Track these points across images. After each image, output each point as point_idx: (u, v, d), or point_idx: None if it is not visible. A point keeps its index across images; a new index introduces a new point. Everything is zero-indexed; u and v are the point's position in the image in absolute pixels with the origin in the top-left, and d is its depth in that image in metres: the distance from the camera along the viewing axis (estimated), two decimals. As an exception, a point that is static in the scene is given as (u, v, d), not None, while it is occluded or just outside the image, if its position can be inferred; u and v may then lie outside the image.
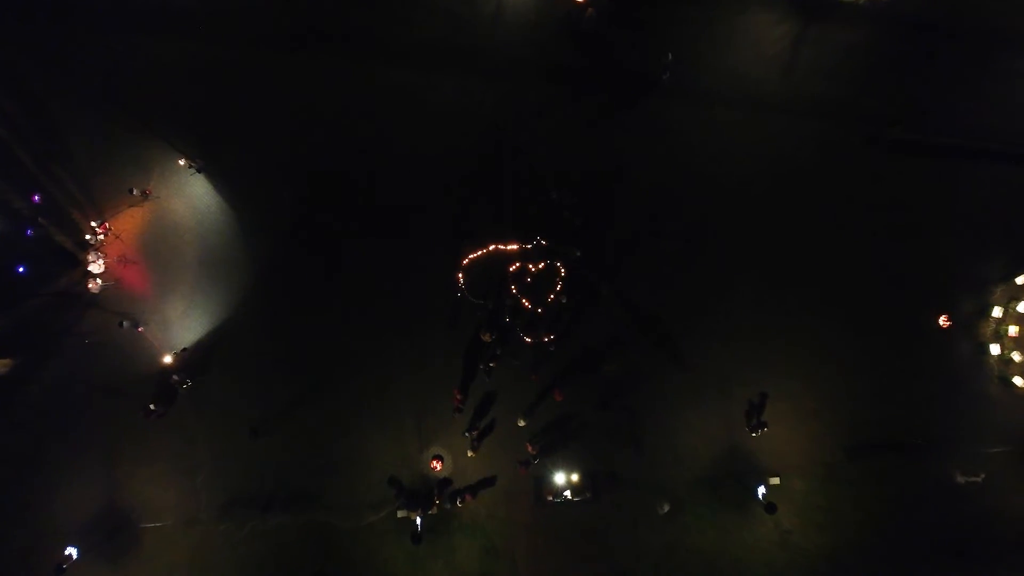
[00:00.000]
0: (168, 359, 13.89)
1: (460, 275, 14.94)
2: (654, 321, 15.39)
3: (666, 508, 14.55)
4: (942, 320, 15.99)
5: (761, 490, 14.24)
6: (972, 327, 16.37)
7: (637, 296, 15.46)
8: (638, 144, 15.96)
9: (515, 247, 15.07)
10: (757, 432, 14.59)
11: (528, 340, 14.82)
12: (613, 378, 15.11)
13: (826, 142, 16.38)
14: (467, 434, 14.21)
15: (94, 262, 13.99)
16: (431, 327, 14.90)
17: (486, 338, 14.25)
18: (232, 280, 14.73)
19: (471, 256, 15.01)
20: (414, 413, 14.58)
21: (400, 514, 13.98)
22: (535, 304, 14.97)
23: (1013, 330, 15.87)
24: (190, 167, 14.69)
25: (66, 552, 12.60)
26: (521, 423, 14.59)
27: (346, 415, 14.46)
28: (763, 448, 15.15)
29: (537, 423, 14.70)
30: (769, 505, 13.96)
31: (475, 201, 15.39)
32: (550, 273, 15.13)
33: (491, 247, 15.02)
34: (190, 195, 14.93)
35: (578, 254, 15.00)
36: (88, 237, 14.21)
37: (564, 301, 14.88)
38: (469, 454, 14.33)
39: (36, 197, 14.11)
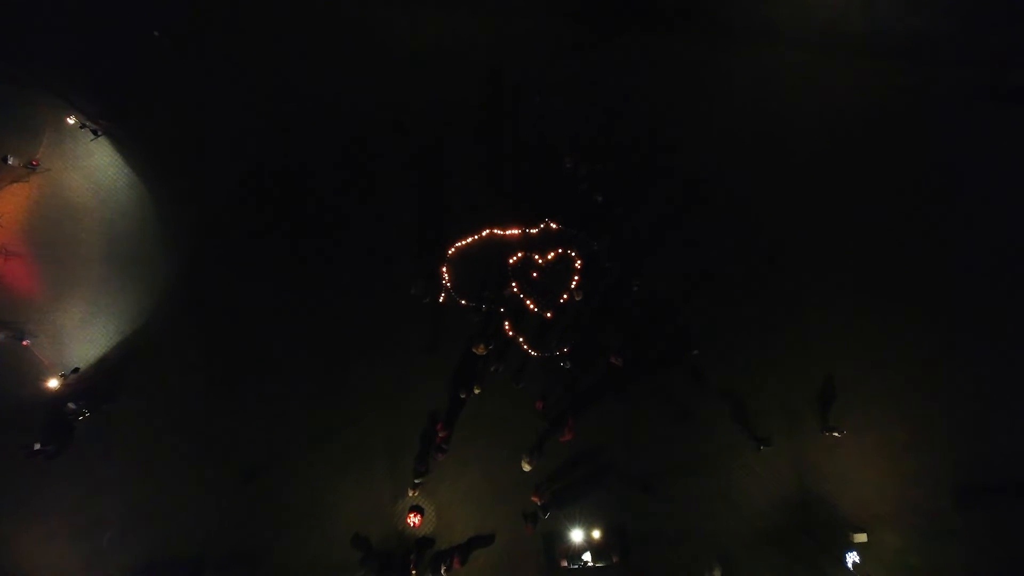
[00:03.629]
0: (54, 382, 12.61)
1: (444, 269, 13.70)
2: (699, 329, 13.88)
3: (717, 573, 12.93)
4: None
5: (852, 557, 12.37)
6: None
7: (676, 296, 14.11)
8: (678, 97, 14.44)
9: (516, 232, 14.01)
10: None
11: (534, 354, 13.62)
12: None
13: (922, 95, 14.71)
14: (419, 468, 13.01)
15: (-39, 255, 12.62)
16: (408, 339, 13.70)
17: (479, 351, 13.17)
18: (146, 278, 13.57)
19: (459, 244, 13.91)
20: (387, 451, 13.25)
21: (367, 584, 12.52)
22: (543, 307, 13.70)
23: None
24: (83, 127, 13.26)
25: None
26: (526, 466, 13.08)
27: (299, 453, 13.22)
28: (843, 494, 13.36)
29: (546, 465, 13.34)
30: (865, 581, 12.15)
31: (465, 172, 14.17)
32: (562, 266, 13.92)
33: (485, 232, 13.96)
34: (90, 166, 13.58)
35: (595, 247, 13.84)
36: (-48, 223, 12.79)
37: (578, 299, 13.67)
38: (410, 493, 12.98)
39: None
